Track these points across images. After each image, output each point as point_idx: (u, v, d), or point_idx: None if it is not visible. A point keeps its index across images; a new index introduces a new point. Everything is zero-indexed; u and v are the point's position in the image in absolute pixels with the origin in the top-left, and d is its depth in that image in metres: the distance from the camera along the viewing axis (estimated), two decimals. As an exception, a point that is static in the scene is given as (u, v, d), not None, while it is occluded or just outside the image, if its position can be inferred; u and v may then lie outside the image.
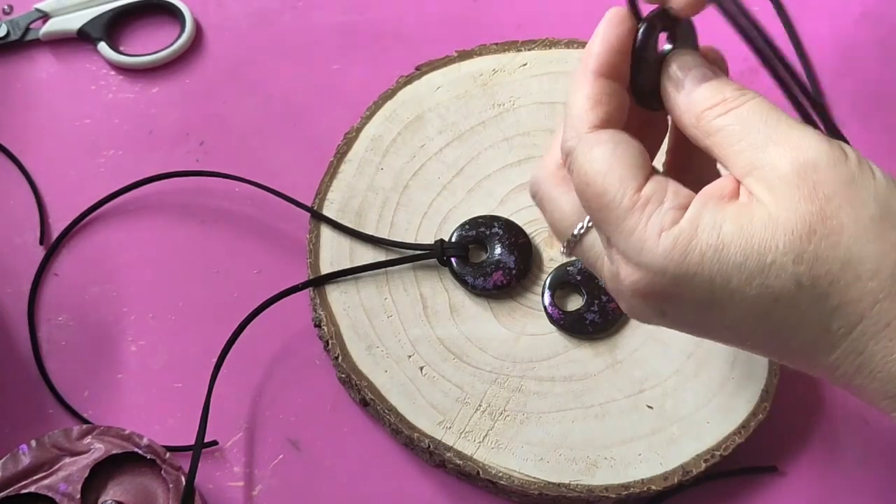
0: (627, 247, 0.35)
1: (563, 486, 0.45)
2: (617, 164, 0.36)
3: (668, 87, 0.38)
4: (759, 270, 0.33)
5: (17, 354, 0.51)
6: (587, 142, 0.36)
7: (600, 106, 0.37)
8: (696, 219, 0.34)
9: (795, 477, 0.49)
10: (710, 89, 0.37)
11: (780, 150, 0.35)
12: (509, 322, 0.49)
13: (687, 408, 0.47)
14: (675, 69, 0.38)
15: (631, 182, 0.35)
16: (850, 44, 0.59)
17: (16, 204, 0.54)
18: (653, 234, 0.34)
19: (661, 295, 0.35)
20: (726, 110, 0.36)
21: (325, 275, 0.49)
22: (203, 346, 0.50)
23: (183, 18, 0.58)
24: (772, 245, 0.33)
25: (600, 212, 0.36)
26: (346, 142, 0.53)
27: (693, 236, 0.34)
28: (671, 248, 0.34)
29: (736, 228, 0.34)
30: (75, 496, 0.44)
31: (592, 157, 0.36)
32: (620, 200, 0.35)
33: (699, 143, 0.37)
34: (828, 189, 0.34)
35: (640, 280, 0.35)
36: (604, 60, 0.37)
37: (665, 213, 0.34)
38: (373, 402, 0.47)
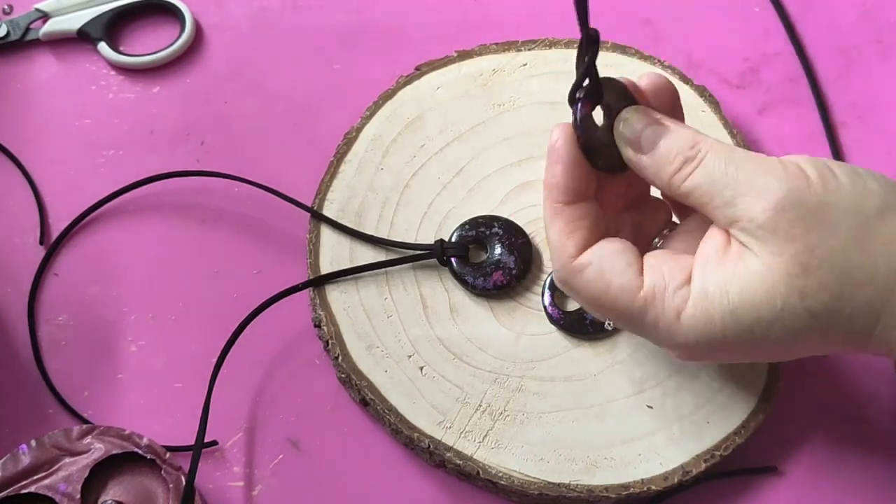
0: (658, 336, 0.39)
1: (563, 486, 0.45)
2: (611, 276, 0.39)
3: (630, 157, 0.40)
4: (774, 317, 0.37)
5: (17, 354, 0.51)
6: (575, 270, 0.40)
7: (575, 233, 0.40)
8: (703, 290, 0.38)
9: (795, 477, 0.49)
10: (669, 149, 0.39)
11: (748, 200, 0.37)
12: (509, 322, 0.49)
13: (687, 408, 0.47)
14: (628, 135, 0.40)
15: (630, 285, 0.39)
16: (850, 44, 0.59)
17: (16, 204, 0.54)
18: (673, 319, 0.38)
19: (706, 356, 0.40)
20: (690, 171, 0.39)
21: (325, 275, 0.49)
22: (203, 346, 0.50)
23: (183, 18, 0.58)
24: (775, 293, 0.37)
25: (619, 320, 0.40)
26: (346, 142, 0.53)
27: (708, 308, 0.37)
28: (694, 326, 0.38)
29: (740, 290, 0.37)
30: (75, 496, 0.44)
31: (586, 280, 0.39)
32: (631, 305, 0.39)
33: (679, 202, 0.40)
34: (803, 223, 0.36)
35: (683, 353, 0.39)
36: (564, 188, 0.40)
37: (673, 295, 0.38)
38: (373, 402, 0.47)
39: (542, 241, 0.51)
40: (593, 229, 0.40)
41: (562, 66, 0.54)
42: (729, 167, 0.38)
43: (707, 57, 0.58)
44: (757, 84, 0.58)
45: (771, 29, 0.59)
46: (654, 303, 0.38)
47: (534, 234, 0.51)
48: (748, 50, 0.59)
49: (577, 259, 0.40)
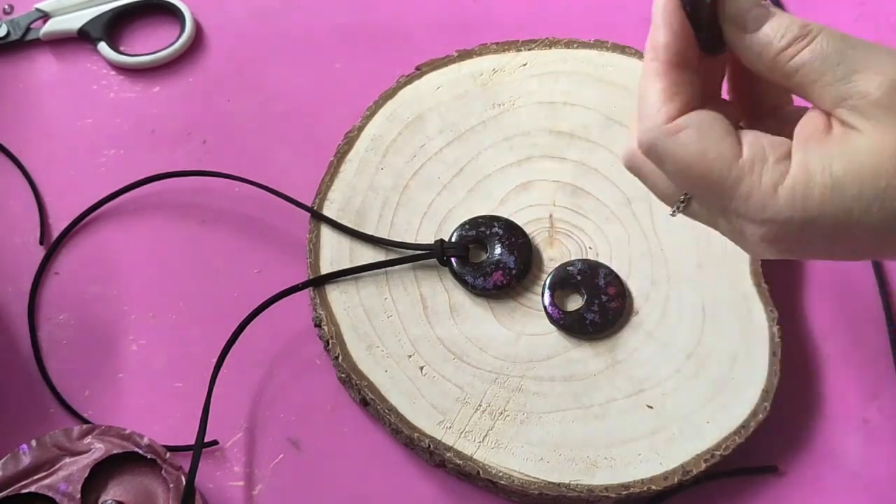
0: (748, 209, 0.37)
1: (563, 486, 0.45)
2: (709, 142, 0.37)
3: (733, 34, 0.39)
4: (875, 197, 0.35)
5: (17, 354, 0.51)
6: (670, 131, 0.37)
7: (677, 97, 0.38)
8: (804, 164, 0.36)
9: (795, 477, 0.49)
10: (777, 29, 0.38)
11: (864, 76, 0.36)
12: (509, 322, 0.49)
13: (687, 408, 0.47)
14: (734, 13, 0.38)
15: (729, 153, 0.36)
16: (851, 44, 0.59)
17: (16, 204, 0.54)
18: (769, 191, 0.36)
19: (791, 240, 0.37)
20: (800, 49, 0.37)
21: (325, 275, 0.49)
22: (203, 346, 0.50)
23: (183, 18, 0.58)
24: (882, 171, 0.35)
25: (710, 190, 0.37)
26: (346, 141, 0.53)
27: (808, 182, 0.35)
28: (791, 199, 0.36)
29: (845, 164, 0.35)
30: (75, 496, 0.44)
31: (682, 142, 0.37)
32: (728, 173, 0.36)
33: (781, 85, 0.38)
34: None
35: (769, 232, 0.37)
36: (674, 50, 0.38)
37: (773, 168, 0.36)
38: (373, 401, 0.47)
39: (542, 241, 0.51)
40: (692, 100, 0.38)
41: (562, 66, 0.54)
42: (844, 44, 0.37)
43: (707, 57, 0.58)
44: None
45: (771, 29, 0.59)
46: (751, 172, 0.36)
47: (534, 234, 0.51)
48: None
49: (675, 121, 0.37)
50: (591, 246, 0.51)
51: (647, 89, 0.38)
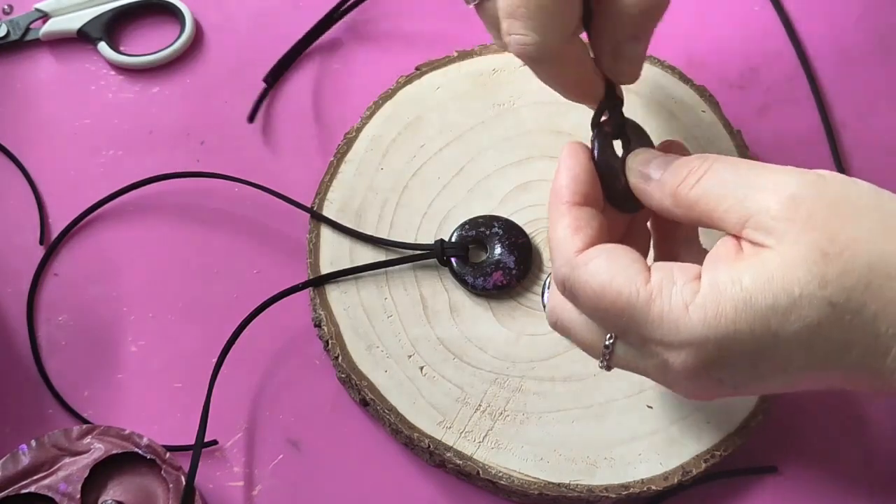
0: (663, 333, 0.36)
1: (563, 486, 0.45)
2: (617, 268, 0.37)
3: (638, 184, 0.40)
4: (791, 305, 0.34)
5: (16, 354, 0.51)
6: (580, 262, 0.38)
7: (581, 230, 0.39)
8: (714, 281, 0.35)
9: (795, 477, 0.49)
10: (676, 168, 0.38)
11: (763, 194, 0.36)
12: (509, 322, 0.49)
13: (687, 408, 0.47)
14: (637, 166, 0.40)
15: (638, 277, 0.36)
16: (850, 44, 0.59)
17: (16, 204, 0.54)
18: (681, 310, 0.35)
19: (712, 364, 0.36)
20: (698, 178, 0.38)
21: (325, 275, 0.49)
22: (203, 346, 0.50)
23: (183, 18, 0.58)
24: (793, 279, 0.34)
25: (622, 316, 0.37)
26: (346, 142, 0.53)
27: (719, 297, 0.35)
28: (703, 316, 0.35)
29: (754, 276, 0.35)
30: (75, 496, 0.44)
31: (591, 271, 0.37)
32: (637, 295, 0.36)
33: (684, 220, 0.38)
34: (822, 213, 0.35)
35: (688, 358, 0.36)
36: (574, 190, 0.39)
37: (682, 288, 0.36)
38: (373, 402, 0.47)
39: (542, 241, 0.51)
40: (597, 236, 0.39)
41: (562, 66, 0.54)
42: (740, 168, 0.37)
43: (707, 57, 0.58)
44: (757, 84, 0.58)
45: (771, 29, 0.59)
46: (660, 294, 0.36)
47: (534, 234, 0.51)
48: (748, 50, 0.59)
49: (582, 253, 0.38)
50: (591, 246, 0.51)
51: (554, 228, 0.39)
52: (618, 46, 0.41)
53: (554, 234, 0.39)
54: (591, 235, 0.39)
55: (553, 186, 0.40)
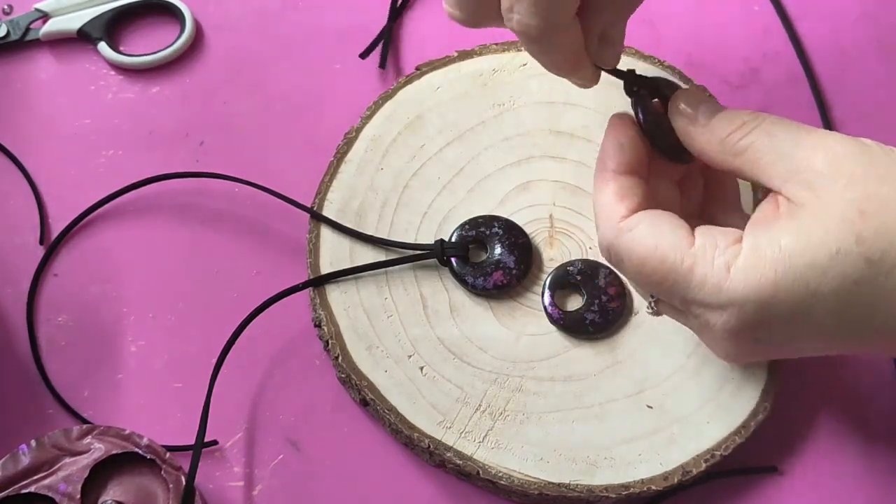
0: (705, 295, 0.37)
1: (563, 486, 0.45)
2: (662, 234, 0.38)
3: (684, 126, 0.41)
4: (829, 262, 0.35)
5: (16, 354, 0.51)
6: (624, 228, 0.39)
7: (626, 198, 0.40)
8: (755, 245, 0.37)
9: (795, 477, 0.49)
10: (727, 117, 0.39)
11: (809, 152, 0.37)
12: (509, 322, 0.49)
13: (687, 408, 0.47)
14: (684, 106, 0.41)
15: (682, 241, 0.38)
16: (850, 44, 0.59)
17: (16, 204, 0.54)
18: (723, 272, 0.37)
19: (751, 325, 0.37)
20: (749, 130, 0.39)
21: (325, 275, 0.49)
22: (203, 346, 0.50)
23: (183, 18, 0.58)
24: (831, 237, 0.36)
25: (666, 280, 0.38)
26: (346, 142, 0.53)
27: (759, 259, 0.36)
28: (745, 277, 0.36)
29: (793, 236, 0.36)
30: (75, 496, 0.44)
31: (636, 237, 0.39)
32: (682, 260, 0.38)
33: (727, 168, 0.39)
34: (862, 174, 0.36)
35: (729, 318, 0.37)
36: (619, 160, 0.41)
37: (725, 251, 0.37)
38: (373, 402, 0.47)
39: (542, 241, 0.51)
40: (643, 201, 0.40)
41: (562, 66, 0.54)
42: (790, 126, 0.38)
43: (707, 57, 0.58)
44: (757, 84, 0.58)
45: (771, 29, 0.59)
46: (703, 258, 0.37)
47: (534, 234, 0.51)
48: (748, 50, 0.59)
49: (627, 219, 0.39)
50: (591, 246, 0.51)
51: (599, 196, 0.41)
52: (606, 30, 0.42)
53: (599, 202, 0.40)
54: (636, 202, 0.40)
55: (599, 156, 0.41)
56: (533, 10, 0.38)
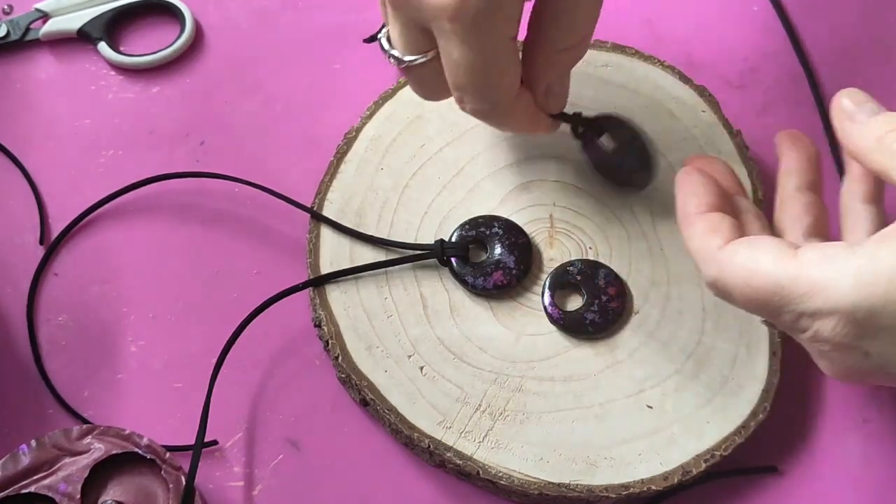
0: (813, 302, 0.36)
1: (563, 486, 0.45)
2: (763, 250, 0.38)
3: (842, 123, 0.41)
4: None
5: (16, 354, 0.51)
6: (724, 258, 0.39)
7: (718, 231, 0.40)
8: (872, 252, 0.35)
9: (795, 477, 0.49)
10: (888, 118, 0.39)
11: None
12: (509, 322, 0.49)
13: (687, 408, 0.47)
14: (847, 102, 0.41)
15: (785, 253, 0.37)
16: (850, 44, 0.59)
17: (16, 204, 0.54)
18: (833, 277, 0.36)
19: (859, 333, 0.36)
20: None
21: (325, 275, 0.49)
22: (203, 346, 0.50)
23: (183, 18, 0.58)
24: None
25: (775, 297, 0.37)
26: (346, 142, 0.53)
27: (874, 266, 0.35)
28: (856, 282, 0.35)
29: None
30: (75, 496, 0.44)
31: (736, 262, 0.39)
32: (786, 269, 0.37)
33: (877, 168, 0.39)
34: None
35: (837, 325, 0.36)
36: (698, 202, 0.42)
37: (834, 259, 0.36)
38: (373, 402, 0.47)
39: (542, 241, 0.51)
40: (735, 230, 0.41)
41: (562, 66, 0.54)
42: None
43: (707, 57, 0.58)
44: (757, 84, 0.58)
45: (771, 29, 0.59)
46: (811, 265, 0.36)
47: (534, 234, 0.51)
48: (748, 50, 0.59)
49: (726, 246, 0.39)
50: (591, 246, 0.51)
51: (691, 239, 0.41)
52: (549, 86, 0.45)
53: (693, 244, 0.41)
54: (730, 233, 0.40)
55: (679, 212, 0.42)
56: (479, 98, 0.41)
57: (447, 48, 0.40)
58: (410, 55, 0.42)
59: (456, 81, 0.41)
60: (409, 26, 0.40)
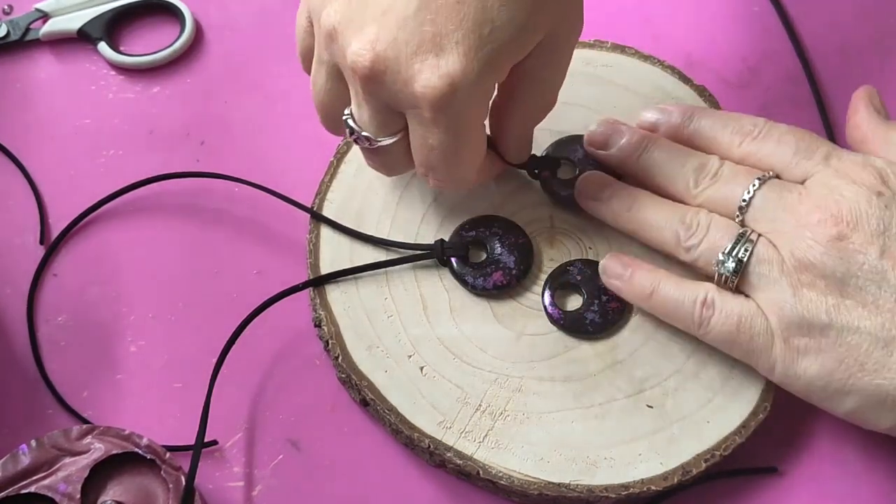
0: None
1: (563, 486, 0.45)
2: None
3: (864, 117, 0.48)
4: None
5: (16, 354, 0.51)
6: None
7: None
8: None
9: (795, 477, 0.49)
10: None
11: None
12: (509, 322, 0.49)
13: (687, 408, 0.47)
14: (875, 99, 0.49)
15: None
16: (850, 44, 0.59)
17: (16, 204, 0.54)
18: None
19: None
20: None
21: (325, 275, 0.49)
22: (203, 346, 0.50)
23: (183, 18, 0.58)
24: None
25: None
26: (346, 142, 0.53)
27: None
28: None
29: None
30: (75, 496, 0.44)
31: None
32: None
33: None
34: None
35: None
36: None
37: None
38: (373, 402, 0.47)
39: (542, 241, 0.51)
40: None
41: (562, 66, 0.54)
42: None
43: (707, 57, 0.58)
44: (757, 84, 0.58)
45: (771, 29, 0.59)
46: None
47: (534, 234, 0.51)
48: (748, 50, 0.59)
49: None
50: (591, 246, 0.51)
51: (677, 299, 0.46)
52: (519, 139, 0.48)
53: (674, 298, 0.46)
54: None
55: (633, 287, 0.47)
56: (448, 176, 0.43)
57: (422, 133, 0.40)
58: (382, 137, 0.42)
59: (427, 162, 0.42)
60: (381, 110, 0.41)
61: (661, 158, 0.47)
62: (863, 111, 0.48)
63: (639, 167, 0.48)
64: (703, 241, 0.45)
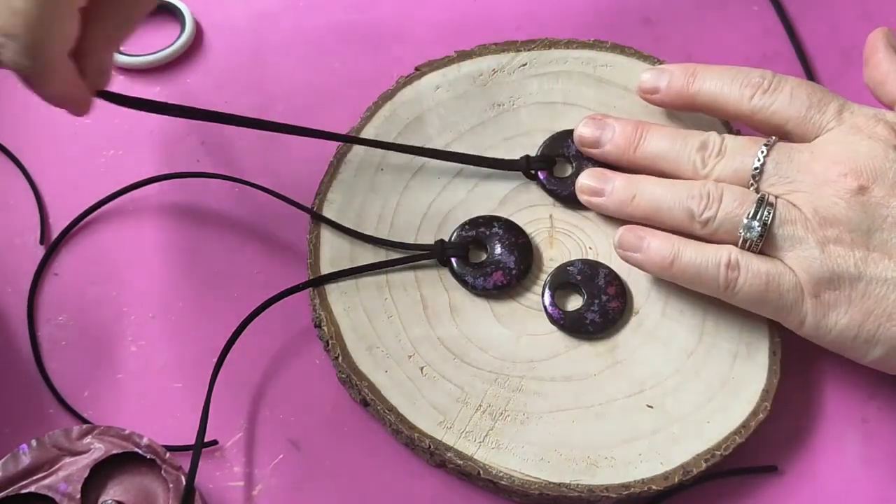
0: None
1: (563, 486, 0.45)
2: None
3: (881, 65, 0.49)
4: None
5: (17, 354, 0.51)
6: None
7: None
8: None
9: (795, 477, 0.49)
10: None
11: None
12: (509, 322, 0.49)
13: (687, 408, 0.47)
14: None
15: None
16: (850, 44, 0.59)
17: (16, 204, 0.54)
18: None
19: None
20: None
21: (325, 275, 0.49)
22: (203, 346, 0.50)
23: (183, 18, 0.58)
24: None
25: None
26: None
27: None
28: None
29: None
30: (75, 496, 0.44)
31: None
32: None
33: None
34: None
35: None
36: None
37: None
38: (373, 402, 0.47)
39: (542, 241, 0.51)
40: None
41: (561, 66, 0.54)
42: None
43: (707, 57, 0.58)
44: (756, 84, 0.58)
45: (771, 29, 0.59)
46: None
47: (534, 234, 0.51)
48: (748, 50, 0.59)
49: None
50: (591, 246, 0.51)
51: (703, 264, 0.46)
52: (101, 62, 0.43)
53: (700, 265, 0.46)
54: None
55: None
56: (21, 52, 0.39)
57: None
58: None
59: (2, 25, 0.38)
60: None
61: (660, 147, 0.47)
62: (882, 51, 0.47)
63: (639, 160, 0.48)
64: (719, 212, 0.45)
